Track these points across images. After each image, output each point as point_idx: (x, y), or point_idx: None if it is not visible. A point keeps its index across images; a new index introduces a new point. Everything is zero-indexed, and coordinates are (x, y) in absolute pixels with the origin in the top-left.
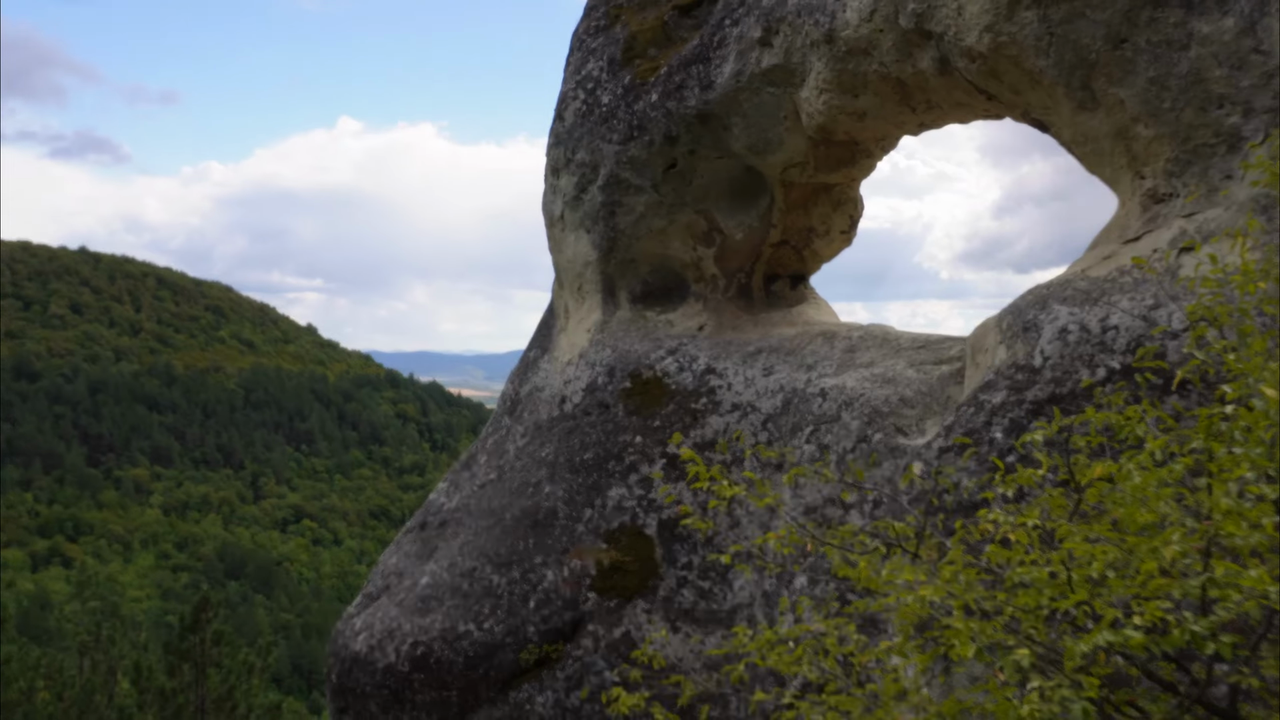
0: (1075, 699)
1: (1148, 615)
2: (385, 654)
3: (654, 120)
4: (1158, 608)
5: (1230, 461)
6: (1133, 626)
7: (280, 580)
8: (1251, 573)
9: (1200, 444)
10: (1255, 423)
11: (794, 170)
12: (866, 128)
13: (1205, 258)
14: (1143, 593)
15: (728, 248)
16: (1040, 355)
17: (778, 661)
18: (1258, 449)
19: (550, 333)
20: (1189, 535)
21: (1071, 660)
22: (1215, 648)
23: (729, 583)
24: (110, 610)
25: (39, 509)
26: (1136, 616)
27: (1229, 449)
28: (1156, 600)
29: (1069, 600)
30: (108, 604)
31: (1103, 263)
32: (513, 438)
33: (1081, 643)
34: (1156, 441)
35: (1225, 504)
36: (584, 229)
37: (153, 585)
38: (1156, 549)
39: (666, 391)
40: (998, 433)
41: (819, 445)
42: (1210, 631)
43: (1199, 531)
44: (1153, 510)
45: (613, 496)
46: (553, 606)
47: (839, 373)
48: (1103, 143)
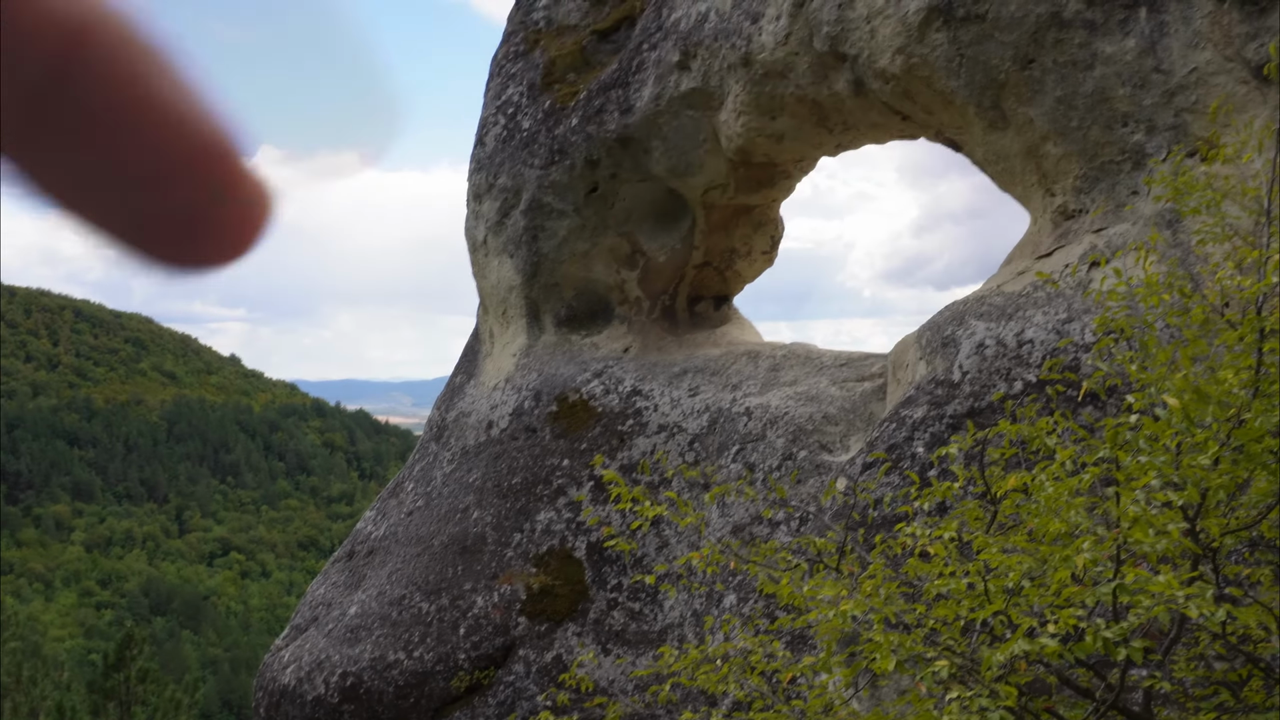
0: (993, 708)
1: (1062, 623)
2: (314, 686)
3: (575, 144)
4: (1071, 615)
5: (1137, 470)
6: (1048, 635)
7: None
8: (1160, 578)
9: (1108, 453)
10: (1160, 431)
11: (715, 192)
12: (785, 149)
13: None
14: (1056, 601)
15: (651, 270)
16: (959, 370)
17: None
18: (1162, 457)
19: (476, 358)
20: (1100, 543)
21: (989, 670)
22: (1127, 653)
23: (659, 603)
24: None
25: None
26: (1051, 625)
27: (1135, 458)
28: (1070, 608)
29: (986, 611)
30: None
31: (1017, 278)
32: (440, 464)
33: (998, 652)
34: (1066, 452)
35: (1133, 512)
36: (507, 254)
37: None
38: (1069, 557)
39: (593, 414)
40: (919, 447)
41: (745, 464)
42: (1122, 637)
43: (1109, 539)
44: (1065, 520)
45: (541, 520)
46: (483, 633)
47: (763, 392)
48: (1014, 161)
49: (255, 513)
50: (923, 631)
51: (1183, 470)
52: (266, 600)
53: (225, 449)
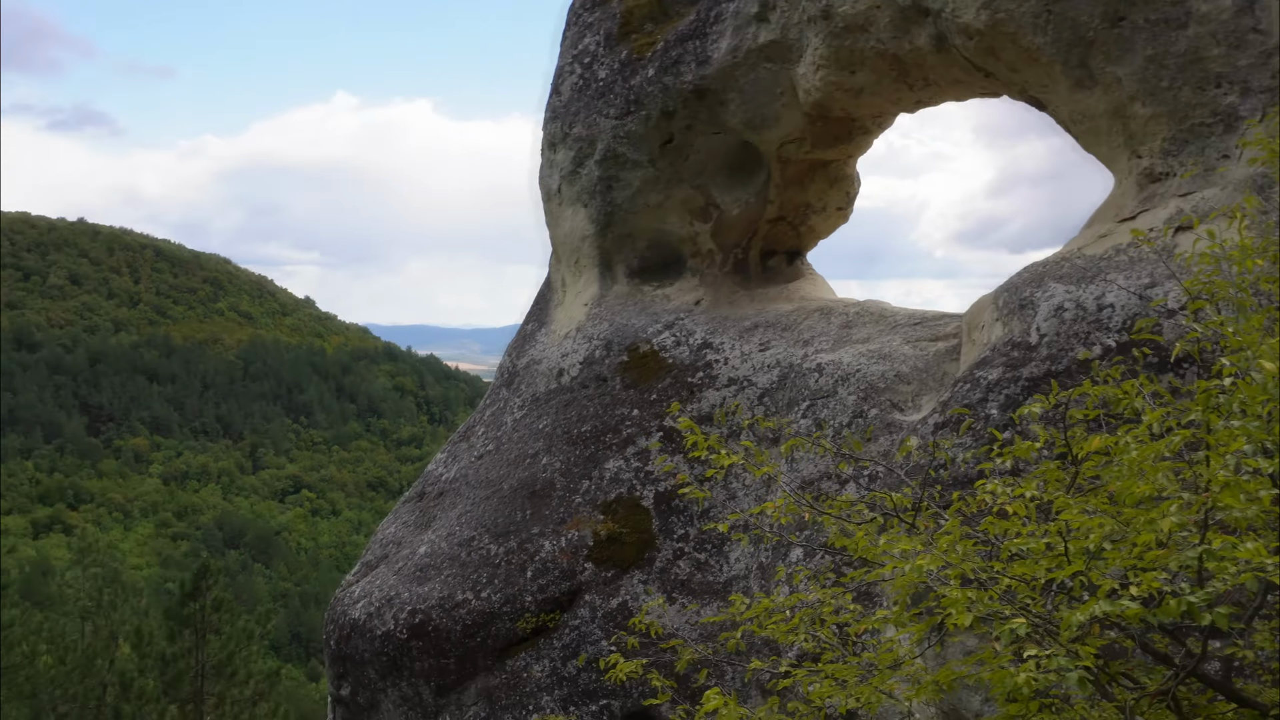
0: (1071, 668)
1: (1144, 586)
2: (384, 621)
3: (650, 95)
4: (1154, 579)
5: (1228, 435)
6: (1129, 597)
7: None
8: (1248, 545)
9: (1199, 417)
10: (1253, 397)
11: (791, 146)
12: (863, 104)
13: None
14: (1139, 564)
15: (724, 223)
16: (1036, 332)
17: (774, 630)
18: (1255, 422)
19: (547, 306)
20: (1186, 508)
21: (1068, 630)
22: (1211, 619)
23: (725, 555)
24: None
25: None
26: (1133, 587)
27: (1226, 423)
28: (1153, 572)
29: (1065, 571)
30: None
31: (1098, 241)
32: (510, 410)
33: (1078, 612)
34: (1154, 414)
35: (1222, 477)
36: (580, 203)
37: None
38: (1153, 521)
39: (663, 365)
40: (993, 409)
41: (815, 420)
42: (1206, 603)
43: (1196, 504)
44: (1150, 483)
45: (610, 468)
46: (550, 576)
47: (835, 348)
48: (1099, 121)
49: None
50: (999, 589)
51: (1275, 436)
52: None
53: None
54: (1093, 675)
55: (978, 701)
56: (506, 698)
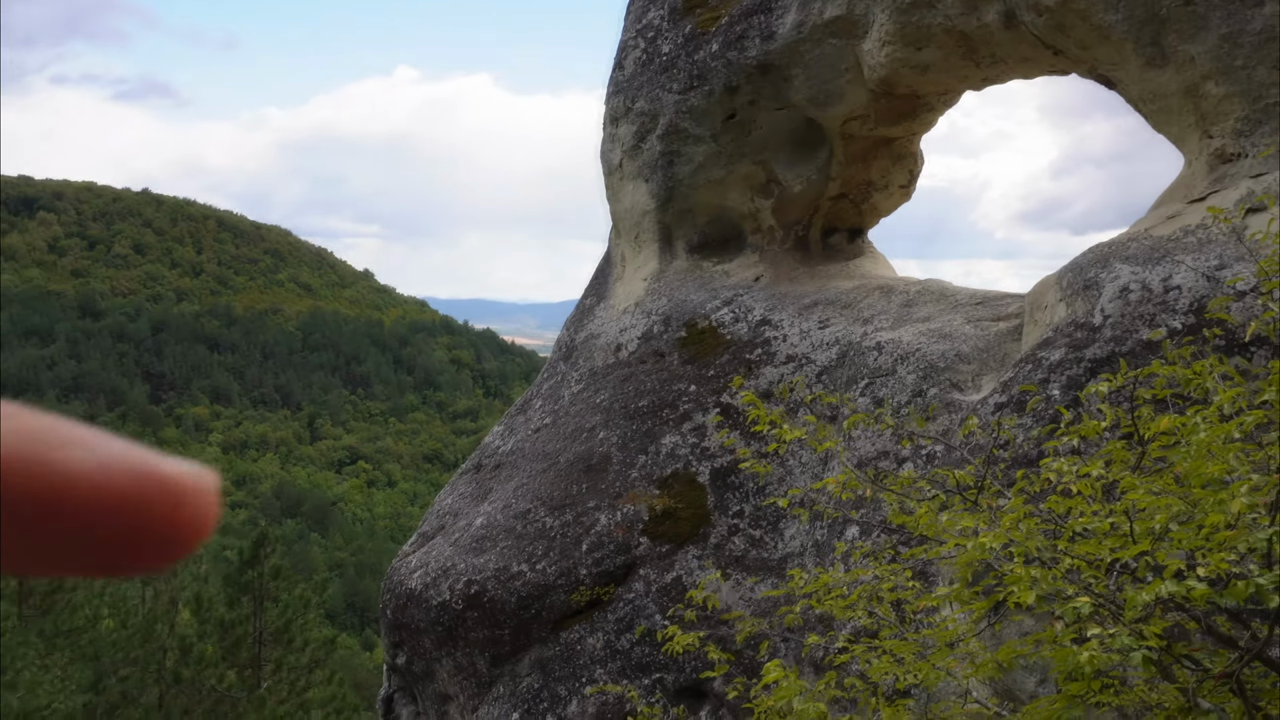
0: (1135, 648)
1: (1211, 567)
2: (440, 591)
3: (714, 70)
4: (1222, 560)
5: None
6: (1195, 578)
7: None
8: None
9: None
10: None
11: (854, 123)
12: (929, 81)
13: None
14: (1207, 545)
15: (786, 199)
16: (1100, 313)
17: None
18: None
19: (607, 281)
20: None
21: (1132, 610)
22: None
23: (780, 532)
24: None
25: None
26: (1200, 568)
27: None
28: (1221, 553)
29: (1130, 551)
30: None
31: (1167, 222)
32: (568, 384)
33: (1143, 592)
34: (1227, 394)
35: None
36: (642, 178)
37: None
38: (1223, 502)
39: (721, 341)
40: (1055, 390)
41: (874, 398)
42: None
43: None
44: (1220, 463)
45: (666, 444)
46: (605, 550)
47: (895, 327)
48: (1171, 100)
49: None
50: (1062, 568)
51: None
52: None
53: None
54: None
55: (1033, 683)
56: (560, 669)
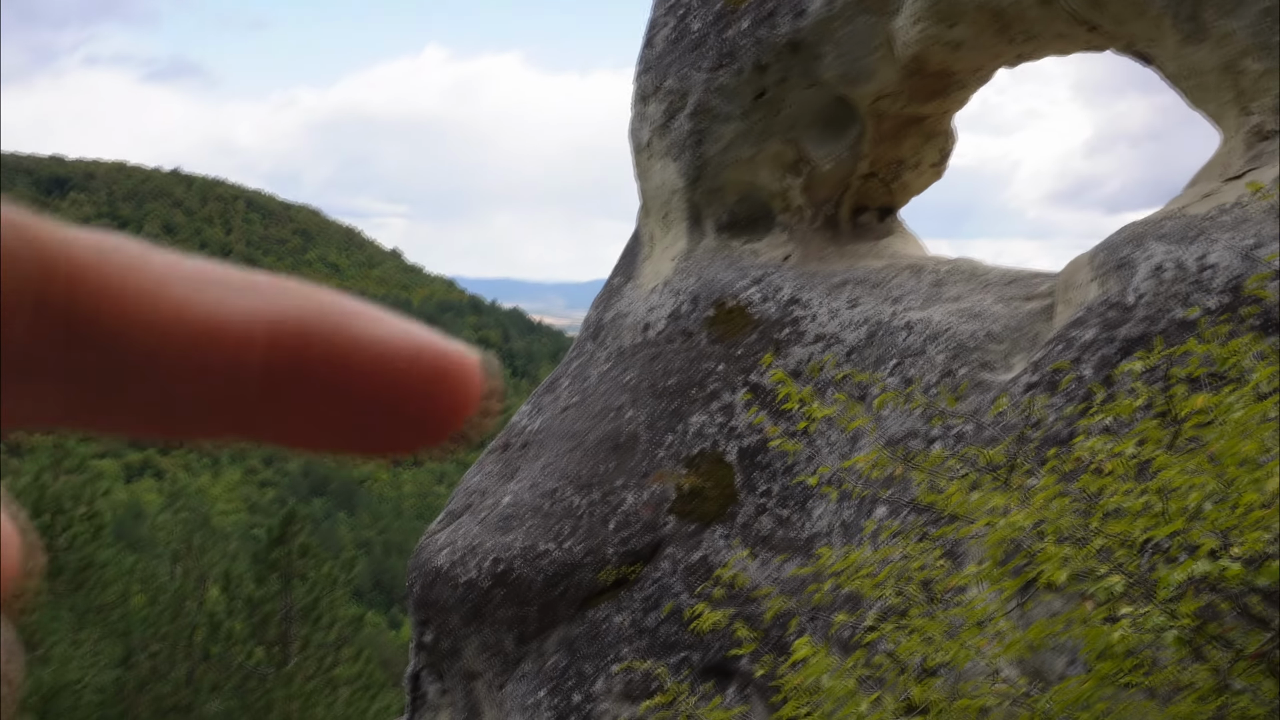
0: (1168, 627)
1: (1246, 546)
2: (467, 570)
3: (744, 48)
4: (1257, 539)
5: None
6: (1229, 558)
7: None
8: None
9: None
10: None
11: (885, 101)
12: (962, 59)
13: None
14: (1242, 524)
15: (815, 178)
16: (1134, 293)
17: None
18: None
19: (635, 260)
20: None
21: (1165, 590)
22: None
23: (808, 511)
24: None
25: None
26: (1235, 548)
27: None
28: (1256, 533)
29: (1163, 530)
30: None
31: (1202, 200)
32: (596, 363)
33: (1177, 571)
34: (1265, 371)
35: None
36: (671, 156)
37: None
38: (1259, 481)
39: (750, 321)
40: (1087, 369)
41: (903, 378)
42: None
43: None
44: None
45: (694, 423)
46: (632, 529)
47: (925, 306)
48: (1208, 77)
49: None
50: (1094, 547)
51: None
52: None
53: None
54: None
55: (1062, 663)
56: (587, 647)
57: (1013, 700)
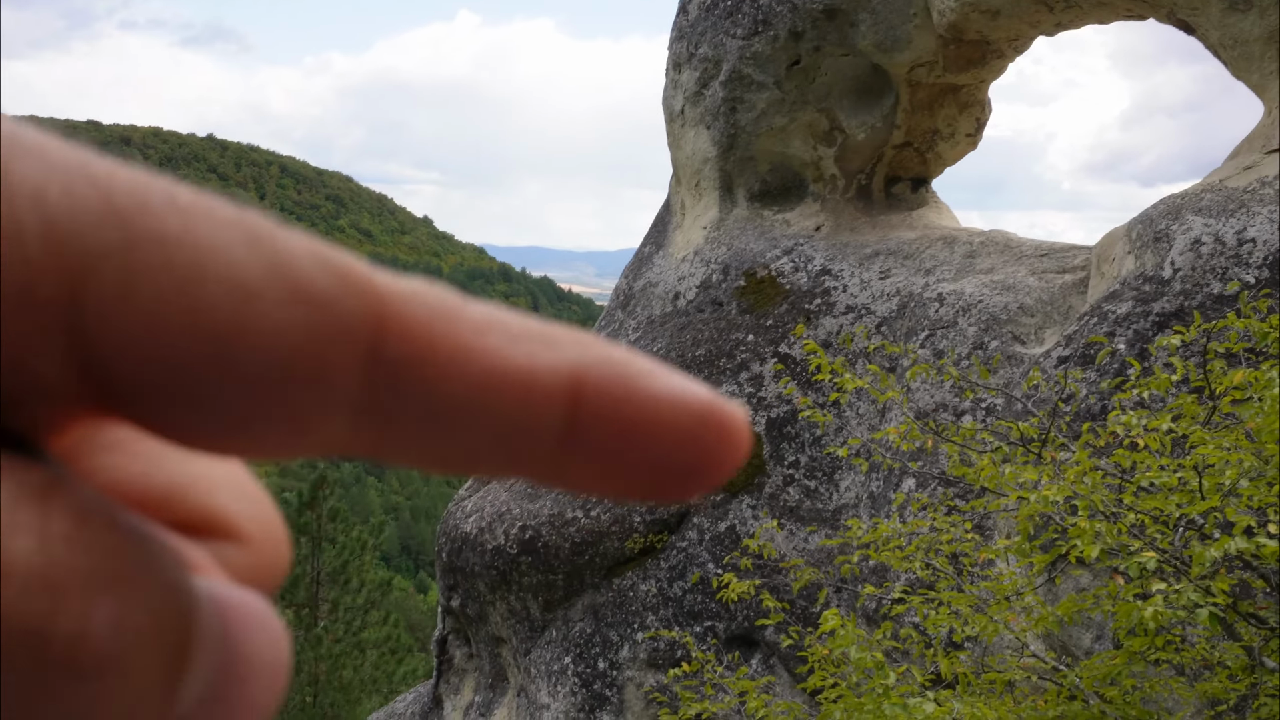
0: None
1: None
2: (494, 536)
3: (779, 15)
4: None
5: None
6: (1266, 535)
7: None
8: None
9: None
10: None
11: (921, 70)
12: (1000, 27)
13: None
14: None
15: (849, 148)
16: (1170, 266)
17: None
18: None
19: (666, 229)
20: None
21: (1199, 566)
22: None
23: (835, 483)
24: None
25: None
26: (1271, 525)
27: None
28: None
29: (1198, 507)
30: None
31: (1243, 173)
32: (625, 332)
33: (1211, 548)
34: None
35: None
36: (704, 125)
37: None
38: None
39: (780, 291)
40: (1120, 344)
41: (934, 350)
42: None
43: None
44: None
45: (723, 393)
46: None
47: (958, 278)
48: (1253, 46)
49: None
50: (1127, 523)
51: None
52: None
53: None
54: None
55: (1089, 639)
56: (612, 615)
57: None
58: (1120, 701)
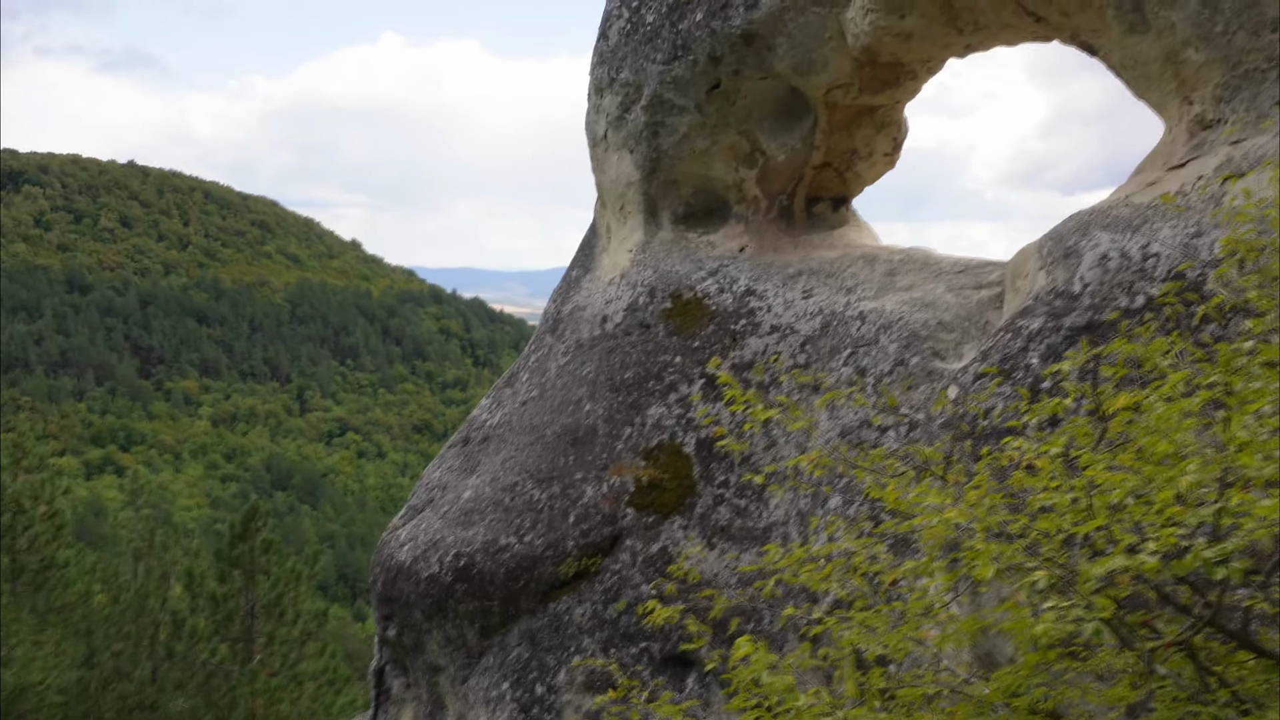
0: (1089, 619)
1: (1163, 541)
2: (429, 564)
3: (698, 40)
4: (1173, 534)
5: (1252, 395)
6: (1148, 552)
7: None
8: (1265, 502)
9: (1219, 378)
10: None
11: (838, 92)
12: (912, 49)
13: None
14: (1159, 520)
15: (770, 169)
16: (1080, 281)
17: (809, 578)
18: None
19: (592, 252)
20: (1207, 465)
21: (1086, 583)
22: (1226, 573)
23: (765, 501)
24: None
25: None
26: (1152, 542)
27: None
28: (1172, 528)
29: (1088, 525)
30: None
31: (1147, 189)
32: (554, 356)
33: (1096, 566)
34: (1178, 374)
35: (1241, 437)
36: (627, 149)
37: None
38: (1174, 478)
39: (707, 312)
40: (1034, 359)
41: (857, 368)
42: (1222, 557)
43: (1215, 462)
44: (1171, 440)
45: (652, 415)
46: (592, 521)
47: (878, 296)
48: (1151, 67)
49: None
50: (1024, 542)
51: None
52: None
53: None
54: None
55: (1011, 648)
56: (549, 640)
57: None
58: (1025, 711)
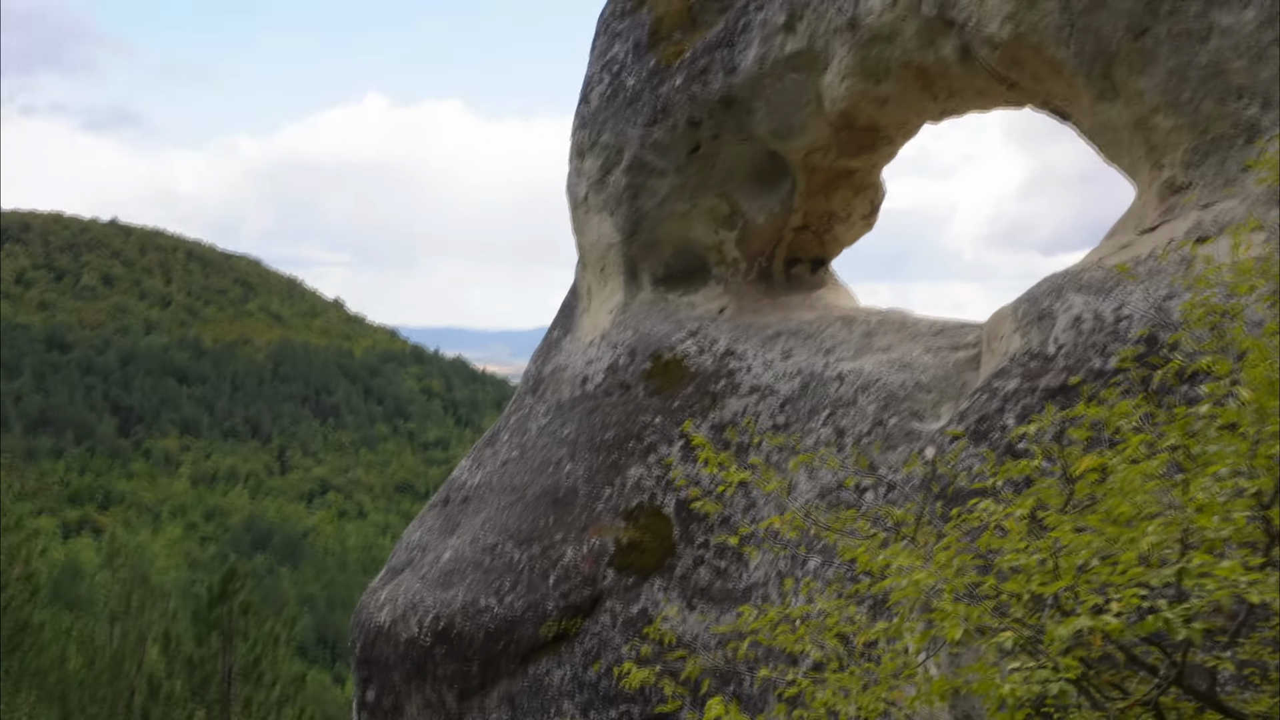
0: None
1: (1125, 602)
2: (408, 626)
3: (678, 104)
4: (1135, 595)
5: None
6: (1112, 613)
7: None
8: (1224, 563)
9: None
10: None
11: (816, 155)
12: (888, 114)
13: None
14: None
15: (749, 231)
16: (1054, 343)
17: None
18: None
19: (573, 313)
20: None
21: (1053, 644)
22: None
23: (745, 562)
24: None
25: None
26: (1115, 603)
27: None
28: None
29: (1055, 586)
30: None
31: (1119, 252)
32: (535, 416)
33: (1061, 627)
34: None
35: (1201, 498)
36: (607, 211)
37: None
38: (1135, 539)
39: (686, 373)
40: (1010, 419)
41: (835, 428)
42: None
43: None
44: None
45: (632, 476)
46: (572, 583)
47: (857, 357)
48: (1122, 133)
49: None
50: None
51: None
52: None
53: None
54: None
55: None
56: (529, 702)
57: None
58: None
